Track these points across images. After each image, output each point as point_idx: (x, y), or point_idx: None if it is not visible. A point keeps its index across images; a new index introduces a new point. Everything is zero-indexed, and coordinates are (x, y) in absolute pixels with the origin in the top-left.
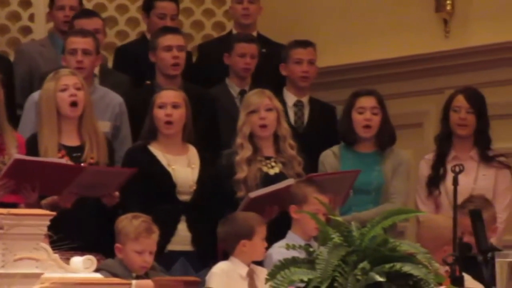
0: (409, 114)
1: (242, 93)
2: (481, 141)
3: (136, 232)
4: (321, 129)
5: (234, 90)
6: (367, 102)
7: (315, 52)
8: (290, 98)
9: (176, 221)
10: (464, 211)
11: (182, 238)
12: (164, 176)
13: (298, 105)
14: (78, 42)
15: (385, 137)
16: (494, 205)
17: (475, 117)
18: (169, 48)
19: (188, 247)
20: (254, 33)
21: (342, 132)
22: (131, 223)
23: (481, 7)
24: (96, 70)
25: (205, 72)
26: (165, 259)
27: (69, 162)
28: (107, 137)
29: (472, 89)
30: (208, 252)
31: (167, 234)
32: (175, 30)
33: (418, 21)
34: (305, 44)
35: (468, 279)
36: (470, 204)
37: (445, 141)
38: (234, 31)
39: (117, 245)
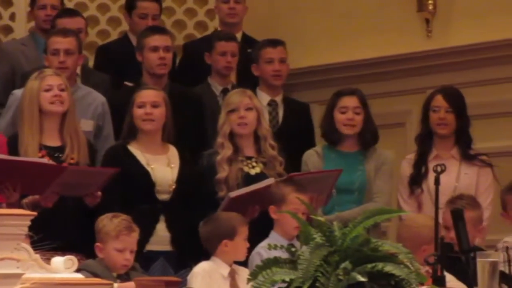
0: (392, 114)
1: (225, 91)
2: (462, 139)
3: (116, 230)
4: (296, 128)
5: (217, 89)
6: (349, 101)
7: (285, 51)
8: (264, 97)
9: (155, 221)
10: (453, 206)
11: (161, 238)
12: (143, 176)
13: (272, 104)
14: (60, 42)
15: (368, 137)
16: None
17: (454, 116)
18: (155, 49)
19: (167, 247)
20: (240, 33)
21: (325, 132)
22: (111, 222)
23: (463, 7)
24: (78, 70)
25: (189, 71)
26: (144, 259)
27: (51, 162)
28: (88, 138)
29: (451, 88)
30: (187, 252)
31: (146, 234)
32: (162, 31)
33: (400, 21)
34: (275, 43)
35: (452, 279)
36: (459, 201)
37: (425, 141)
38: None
39: (98, 244)
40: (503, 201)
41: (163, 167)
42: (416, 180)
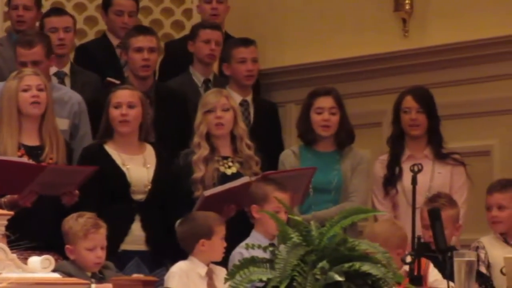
0: (368, 114)
1: (207, 82)
2: (434, 139)
3: (84, 229)
4: (267, 127)
5: (198, 79)
6: (325, 102)
7: (257, 50)
8: (235, 97)
9: (130, 221)
10: (431, 205)
11: (136, 237)
12: (118, 176)
13: (243, 104)
14: (25, 55)
15: (344, 136)
16: None
17: (426, 116)
18: (139, 50)
19: (142, 246)
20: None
21: (301, 132)
22: (77, 222)
23: (440, 7)
24: (67, 69)
25: (171, 68)
26: (118, 259)
27: (31, 161)
28: (65, 138)
29: (420, 88)
30: (162, 252)
31: (121, 233)
32: (147, 31)
33: (377, 21)
34: (247, 42)
35: (438, 276)
36: (438, 199)
37: (397, 142)
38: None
39: (67, 246)
40: None
41: (138, 167)
42: (391, 181)
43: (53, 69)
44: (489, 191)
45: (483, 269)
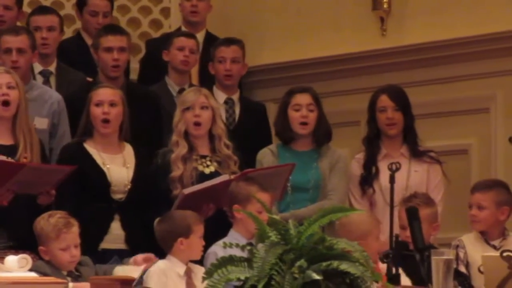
0: (346, 112)
1: (181, 91)
2: (410, 137)
3: (56, 230)
4: (252, 127)
5: (173, 88)
6: (302, 99)
7: (240, 50)
8: (220, 96)
9: (110, 220)
10: (407, 205)
11: (115, 236)
12: (98, 175)
13: (228, 102)
14: (12, 41)
15: (322, 134)
16: None
17: (401, 114)
18: (109, 49)
19: (121, 245)
20: (203, 31)
21: (279, 130)
22: (48, 223)
23: (417, 6)
24: (53, 68)
25: (152, 68)
26: (98, 257)
27: (9, 159)
28: (43, 136)
29: (394, 87)
30: (142, 251)
31: (100, 232)
32: (117, 31)
33: (355, 19)
34: (229, 42)
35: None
36: (414, 199)
37: (373, 142)
38: (184, 29)
39: (41, 248)
40: None
41: (118, 167)
42: (368, 180)
43: (38, 68)
44: (472, 190)
45: (462, 268)
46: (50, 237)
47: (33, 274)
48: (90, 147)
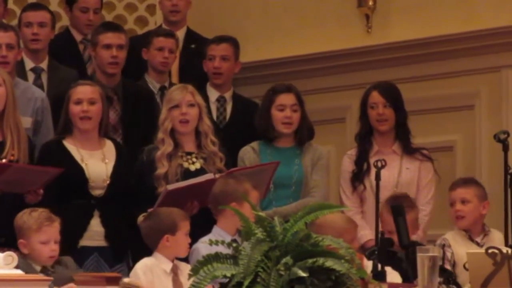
0: (331, 109)
1: (162, 89)
2: (402, 134)
3: (38, 222)
4: (243, 124)
5: (154, 86)
6: (287, 99)
7: (231, 48)
8: (213, 93)
9: (89, 216)
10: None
11: (95, 233)
12: (76, 172)
13: (220, 100)
14: (1, 37)
15: (305, 133)
16: (418, 198)
17: (393, 111)
18: (108, 46)
19: (101, 242)
20: (184, 29)
21: (261, 129)
22: (31, 216)
23: (403, 3)
24: (44, 65)
25: (131, 66)
26: (77, 255)
27: None
28: (27, 134)
29: (386, 83)
30: (122, 247)
31: (79, 229)
32: (116, 28)
33: (340, 16)
34: (219, 40)
35: (388, 269)
36: (393, 201)
37: (365, 138)
38: (164, 26)
39: (21, 241)
40: None
41: (97, 162)
42: (358, 176)
43: (30, 64)
44: (452, 187)
45: (448, 267)
46: (31, 230)
47: (19, 271)
48: (69, 144)
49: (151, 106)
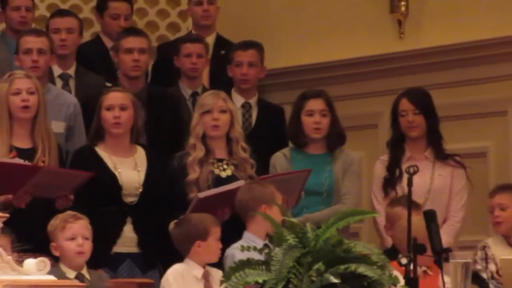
0: (363, 115)
1: (194, 95)
2: (434, 140)
3: (62, 221)
4: (269, 130)
5: (186, 92)
6: (316, 104)
7: (258, 54)
8: (238, 99)
9: (122, 223)
10: (391, 208)
11: (127, 239)
12: (110, 179)
13: (245, 106)
14: (32, 42)
15: (335, 138)
16: (450, 204)
17: (423, 117)
18: (130, 51)
19: (134, 248)
20: (213, 34)
21: (292, 135)
22: (57, 218)
23: (435, 8)
24: (72, 71)
25: (164, 73)
26: (111, 261)
27: (27, 162)
28: (59, 140)
29: (415, 89)
30: (154, 254)
31: (113, 235)
32: (137, 32)
33: (372, 22)
34: (246, 45)
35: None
36: (400, 203)
37: (397, 145)
38: (194, 33)
39: (52, 244)
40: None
41: (129, 170)
42: (390, 182)
43: (57, 71)
44: (491, 194)
45: (492, 267)
46: (57, 229)
47: (51, 277)
48: (101, 151)
49: (177, 111)
